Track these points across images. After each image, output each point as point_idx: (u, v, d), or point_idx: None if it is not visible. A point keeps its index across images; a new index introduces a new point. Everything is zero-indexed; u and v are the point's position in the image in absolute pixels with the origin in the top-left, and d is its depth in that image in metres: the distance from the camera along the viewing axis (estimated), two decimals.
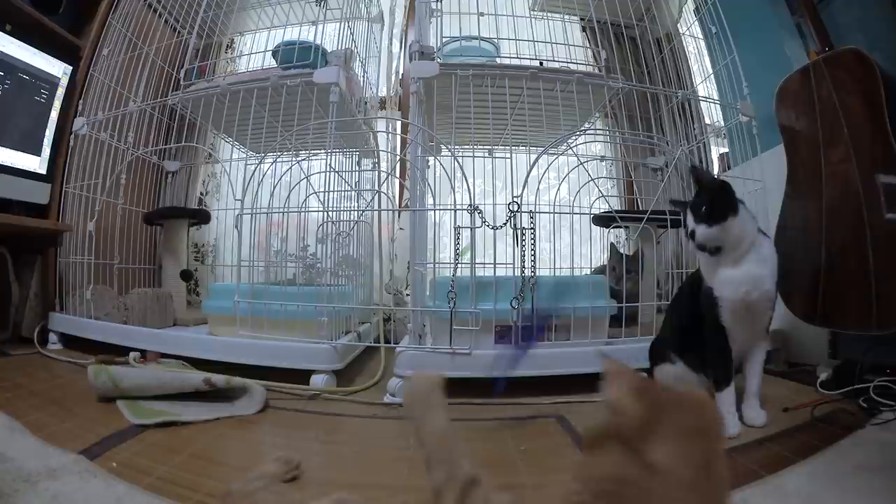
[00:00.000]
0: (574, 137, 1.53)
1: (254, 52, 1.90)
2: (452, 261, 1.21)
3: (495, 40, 1.56)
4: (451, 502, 0.42)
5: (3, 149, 1.59)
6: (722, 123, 1.72)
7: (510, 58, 1.53)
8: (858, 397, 1.01)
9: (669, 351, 1.04)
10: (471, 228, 1.18)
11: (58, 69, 1.75)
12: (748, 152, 1.49)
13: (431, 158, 1.56)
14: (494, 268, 1.21)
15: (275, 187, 1.38)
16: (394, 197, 2.16)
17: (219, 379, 1.06)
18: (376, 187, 1.73)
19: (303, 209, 1.38)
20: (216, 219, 2.29)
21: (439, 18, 1.46)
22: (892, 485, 0.67)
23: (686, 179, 1.72)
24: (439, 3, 1.47)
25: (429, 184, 1.42)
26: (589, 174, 1.40)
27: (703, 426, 0.36)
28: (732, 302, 0.91)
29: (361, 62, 1.87)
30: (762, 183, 1.42)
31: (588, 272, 1.58)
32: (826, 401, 1.03)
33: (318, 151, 1.69)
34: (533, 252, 1.21)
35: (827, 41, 1.33)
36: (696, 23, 1.93)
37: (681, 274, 1.42)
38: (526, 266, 1.21)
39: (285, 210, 1.38)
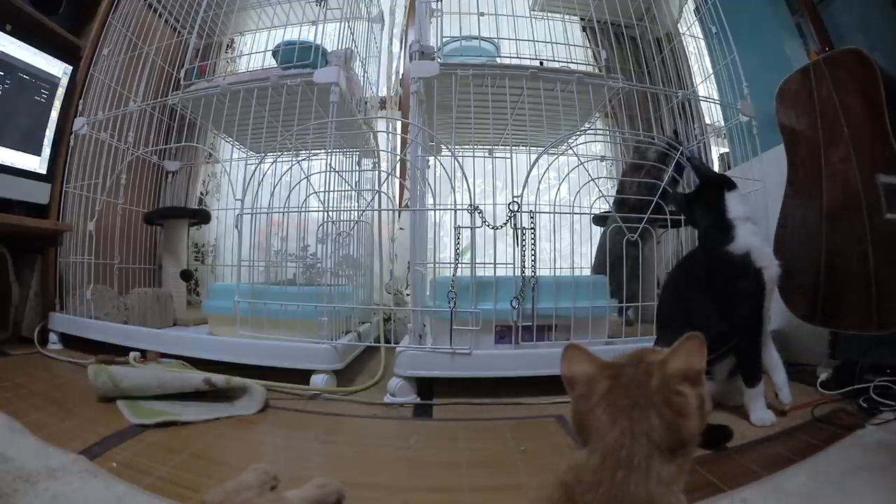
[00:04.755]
0: (574, 137, 1.52)
1: (254, 52, 1.90)
2: (452, 261, 1.21)
3: (495, 40, 1.56)
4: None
5: (3, 149, 1.59)
6: (722, 123, 1.72)
7: (510, 58, 1.53)
8: (858, 397, 1.01)
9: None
10: (471, 228, 1.18)
11: (58, 69, 1.75)
12: (748, 152, 1.49)
13: (431, 158, 1.56)
14: (494, 268, 1.22)
15: (275, 187, 1.38)
16: (394, 197, 2.16)
17: (219, 379, 1.06)
18: (376, 187, 1.73)
19: (303, 209, 1.38)
20: (216, 219, 2.30)
21: (439, 18, 1.46)
22: (892, 485, 0.67)
23: (685, 179, 1.72)
24: (439, 3, 1.47)
25: (429, 184, 1.42)
26: (589, 174, 1.39)
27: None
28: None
29: (361, 62, 1.86)
30: (762, 183, 1.42)
31: (588, 272, 1.58)
32: (826, 401, 1.03)
33: (318, 151, 1.69)
34: (533, 252, 1.21)
35: (827, 41, 1.33)
36: (696, 23, 1.93)
37: None
38: (526, 266, 1.21)
39: (285, 210, 1.38)
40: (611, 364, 0.44)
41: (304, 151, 1.66)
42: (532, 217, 1.22)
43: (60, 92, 1.77)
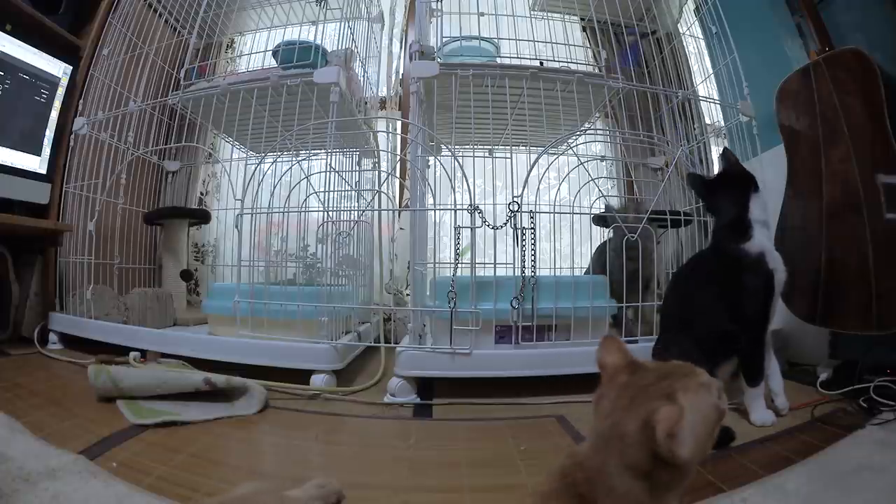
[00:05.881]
0: (574, 137, 1.52)
1: (254, 51, 1.89)
2: (452, 261, 1.21)
3: (495, 40, 1.56)
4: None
5: (3, 149, 1.59)
6: (722, 123, 1.72)
7: (510, 58, 1.53)
8: (858, 397, 1.01)
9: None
10: (471, 228, 1.18)
11: (58, 69, 1.75)
12: (748, 152, 1.48)
13: (431, 158, 1.56)
14: (494, 268, 1.21)
15: (275, 187, 1.38)
16: (394, 197, 2.16)
17: (219, 379, 1.06)
18: (376, 187, 1.73)
19: (303, 209, 1.38)
20: (216, 219, 2.29)
21: (439, 18, 1.46)
22: (892, 485, 0.67)
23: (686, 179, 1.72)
24: (439, 3, 1.47)
25: (429, 184, 1.42)
26: (589, 174, 1.40)
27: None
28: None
29: (361, 62, 1.86)
30: (762, 183, 1.42)
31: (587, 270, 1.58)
32: (826, 401, 1.04)
33: (318, 151, 1.69)
34: (533, 252, 1.21)
35: (827, 41, 1.33)
36: (696, 23, 1.93)
37: None
38: (526, 266, 1.21)
39: (285, 210, 1.38)
40: (638, 365, 0.45)
41: (304, 151, 1.66)
42: (532, 217, 1.22)
43: (60, 92, 1.77)
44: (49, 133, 1.75)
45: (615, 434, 0.39)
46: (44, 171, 1.73)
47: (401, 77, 2.48)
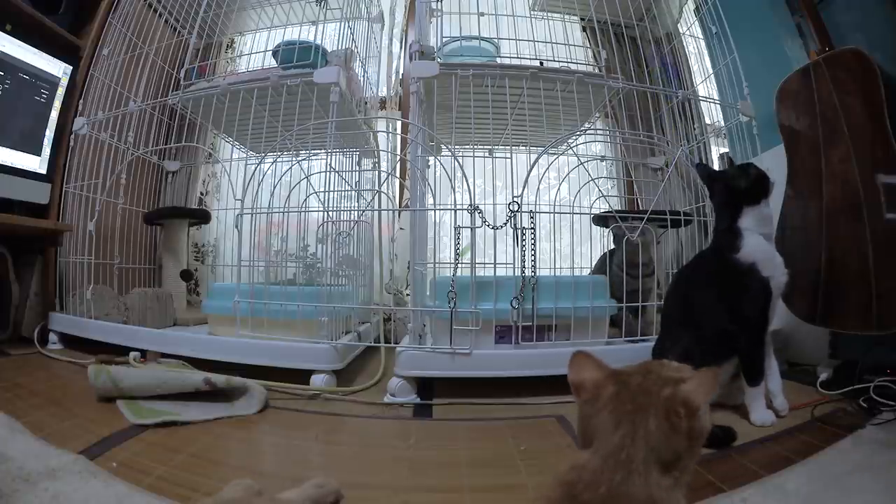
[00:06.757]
0: (574, 137, 1.52)
1: (254, 51, 1.90)
2: (452, 261, 1.21)
3: (495, 40, 1.56)
4: None
5: (3, 149, 1.59)
6: (722, 123, 1.72)
7: (510, 58, 1.53)
8: (858, 397, 1.01)
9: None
10: (471, 228, 1.18)
11: (58, 69, 1.75)
12: (748, 152, 1.49)
13: (431, 158, 1.56)
14: (494, 268, 1.21)
15: (275, 187, 1.38)
16: (394, 197, 2.16)
17: (219, 379, 1.06)
18: (376, 187, 1.73)
19: (303, 209, 1.38)
20: (216, 219, 2.30)
21: (439, 18, 1.46)
22: (892, 485, 0.67)
23: (686, 179, 1.72)
24: (439, 3, 1.47)
25: (429, 184, 1.42)
26: (589, 174, 1.40)
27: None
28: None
29: (361, 62, 1.86)
30: None
31: (587, 271, 1.58)
32: (826, 401, 1.04)
33: (318, 151, 1.69)
34: (533, 252, 1.21)
35: (827, 41, 1.33)
36: (696, 23, 1.93)
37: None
38: (526, 266, 1.21)
39: (285, 210, 1.38)
40: (619, 371, 0.45)
41: (304, 151, 1.66)
42: (532, 217, 1.22)
43: (60, 92, 1.77)
44: (49, 133, 1.75)
45: (637, 438, 0.39)
46: (44, 171, 1.73)
47: (401, 77, 2.48)
